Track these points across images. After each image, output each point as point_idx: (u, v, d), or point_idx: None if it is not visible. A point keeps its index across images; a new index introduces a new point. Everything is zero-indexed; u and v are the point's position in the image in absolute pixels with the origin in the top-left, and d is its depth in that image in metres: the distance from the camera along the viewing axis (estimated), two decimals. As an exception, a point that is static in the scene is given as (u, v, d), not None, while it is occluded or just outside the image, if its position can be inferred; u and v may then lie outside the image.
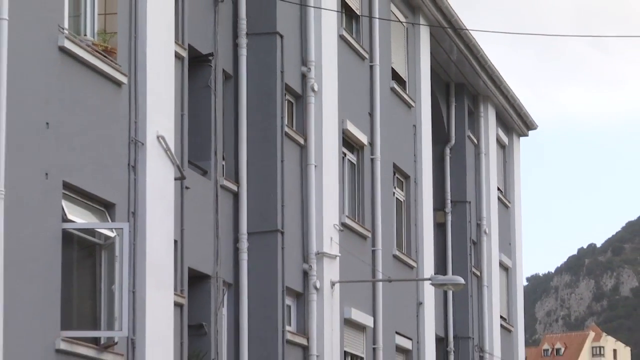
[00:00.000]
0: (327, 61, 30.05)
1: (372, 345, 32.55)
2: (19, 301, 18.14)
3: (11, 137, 18.01)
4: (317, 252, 29.10)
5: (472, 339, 41.01)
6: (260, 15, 27.46)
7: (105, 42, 21.20)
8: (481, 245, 43.04)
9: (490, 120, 44.64)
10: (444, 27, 38.01)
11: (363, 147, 32.95)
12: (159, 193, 22.34)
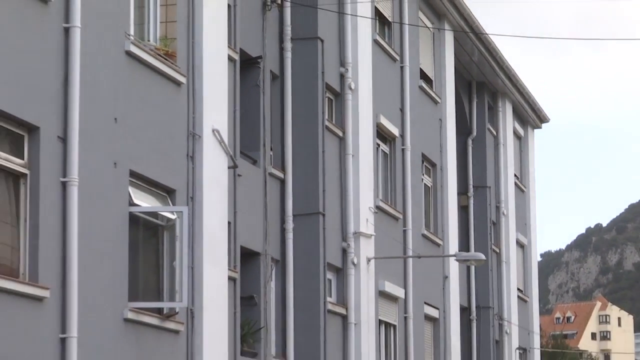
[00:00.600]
0: (362, 63, 30.03)
1: (403, 315, 32.54)
2: (92, 276, 18.24)
3: (84, 131, 18.10)
4: (355, 231, 29.12)
5: (492, 309, 40.92)
6: (303, 22, 27.46)
7: (166, 47, 21.27)
8: (500, 226, 42.95)
9: (508, 114, 44.54)
10: (467, 32, 37.96)
11: (395, 138, 32.92)
12: (214, 180, 22.40)
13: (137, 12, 20.81)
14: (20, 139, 17.34)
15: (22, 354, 16.70)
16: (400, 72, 33.41)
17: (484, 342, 40.30)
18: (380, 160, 31.93)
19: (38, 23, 17.55)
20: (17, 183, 17.28)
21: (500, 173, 43.29)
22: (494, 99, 43.34)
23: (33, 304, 17.07)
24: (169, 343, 20.75)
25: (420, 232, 34.57)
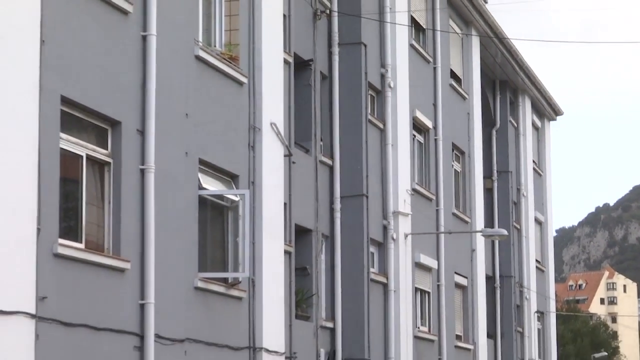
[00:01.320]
0: (400, 64, 29.95)
1: (436, 283, 32.47)
2: (167, 250, 18.31)
3: (159, 125, 18.16)
4: (394, 211, 29.08)
5: (513, 277, 40.79)
6: (348, 29, 27.41)
7: (230, 52, 21.27)
8: (520, 205, 42.82)
9: (527, 108, 44.36)
10: (491, 37, 37.82)
11: (428, 130, 32.84)
12: (272, 166, 22.39)
13: (205, 22, 20.84)
14: (105, 132, 17.43)
15: (108, 317, 16.81)
16: (433, 72, 33.31)
17: (506, 306, 40.17)
18: (416, 149, 31.86)
19: (120, 32, 17.62)
20: (102, 170, 17.38)
21: (520, 159, 43.15)
22: (515, 95, 43.16)
23: (116, 275, 17.17)
24: (233, 308, 20.81)
25: (451, 211, 34.49)
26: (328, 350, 25.87)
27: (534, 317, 43.86)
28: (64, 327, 15.76)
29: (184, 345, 18.79)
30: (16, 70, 14.98)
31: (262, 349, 21.45)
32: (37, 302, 15.09)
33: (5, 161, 14.63)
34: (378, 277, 28.17)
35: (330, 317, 26.18)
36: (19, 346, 14.71)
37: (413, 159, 31.14)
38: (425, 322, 31.82)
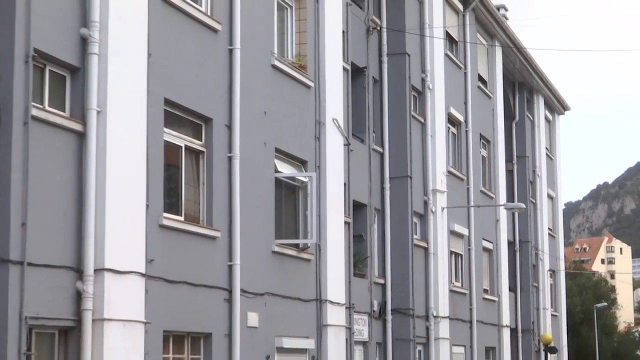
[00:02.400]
0: (437, 70, 29.80)
1: (467, 247, 32.33)
2: (249, 222, 18.35)
3: (243, 121, 18.21)
4: (432, 189, 28.97)
5: (530, 242, 40.58)
6: (395, 42, 27.31)
7: (300, 61, 21.27)
8: (535, 184, 42.53)
9: (540, 105, 44.04)
10: (511, 47, 37.57)
11: (460, 123, 32.66)
12: (333, 153, 22.36)
13: (279, 37, 20.86)
14: (199, 127, 17.51)
15: (203, 276, 16.92)
16: (464, 77, 33.11)
17: (524, 266, 39.97)
18: (450, 139, 31.69)
19: (211, 46, 17.69)
20: (197, 158, 17.47)
21: (535, 146, 42.87)
22: (530, 94, 42.86)
23: (209, 242, 17.25)
24: (303, 268, 20.85)
25: (479, 189, 34.31)
26: (380, 301, 25.86)
27: (547, 275, 43.62)
28: (167, 283, 15.90)
29: (263, 298, 18.87)
30: (129, 78, 15.10)
31: (326, 301, 21.49)
32: (146, 264, 15.24)
33: (122, 152, 14.77)
34: (420, 242, 28.10)
35: (382, 275, 26.14)
36: (133, 299, 14.87)
37: (448, 147, 30.99)
38: (459, 278, 31.71)
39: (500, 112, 37.42)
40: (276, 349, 19.25)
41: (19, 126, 13.17)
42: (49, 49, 13.79)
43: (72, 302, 13.93)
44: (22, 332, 13.01)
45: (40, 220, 13.44)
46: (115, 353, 14.34)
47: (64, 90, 14.34)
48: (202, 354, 17.07)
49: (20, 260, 13.03)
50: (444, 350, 28.98)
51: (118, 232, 14.56)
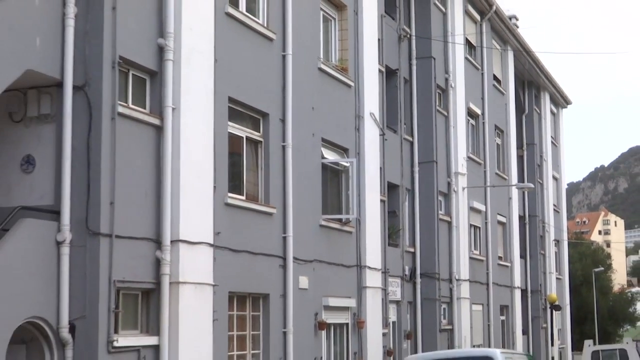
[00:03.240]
0: (458, 71, 29.59)
1: (484, 221, 32.16)
2: (300, 200, 18.36)
3: (294, 115, 18.21)
4: (455, 171, 28.80)
5: (537, 217, 40.36)
6: (423, 47, 27.15)
7: (342, 65, 21.20)
8: (542, 166, 42.23)
9: (546, 100, 43.68)
10: (521, 51, 37.26)
11: (478, 116, 32.44)
12: (371, 142, 22.28)
13: (324, 45, 20.78)
14: (258, 121, 17.52)
15: (261, 245, 16.96)
16: (481, 77, 32.87)
17: (532, 236, 39.76)
18: (469, 129, 31.50)
19: (267, 52, 17.67)
20: (256, 147, 17.48)
21: (542, 135, 42.55)
22: (538, 91, 42.51)
23: (266, 217, 17.28)
24: (345, 239, 20.82)
25: (494, 171, 34.09)
26: (410, 267, 25.81)
27: (552, 244, 43.36)
28: (232, 252, 15.96)
29: (312, 264, 18.89)
30: (198, 80, 15.14)
31: (365, 267, 21.47)
32: (214, 236, 15.30)
33: (193, 142, 14.83)
34: (444, 217, 27.98)
35: (412, 245, 26.06)
36: (203, 265, 14.96)
37: (467, 136, 30.82)
38: (477, 247, 31.57)
39: (512, 106, 37.17)
40: (323, 307, 19.28)
41: (108, 121, 13.29)
42: (131, 56, 13.86)
43: (152, 268, 14.03)
44: (111, 293, 13.15)
45: (126, 199, 13.53)
46: (189, 311, 14.44)
47: (144, 91, 14.41)
48: (261, 311, 17.13)
49: (109, 233, 13.16)
50: (465, 308, 28.89)
51: (190, 209, 14.63)
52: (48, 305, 12.66)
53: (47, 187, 13.22)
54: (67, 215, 12.92)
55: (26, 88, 13.29)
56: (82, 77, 13.22)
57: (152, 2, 14.41)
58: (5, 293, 11.98)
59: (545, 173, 42.83)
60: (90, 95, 13.21)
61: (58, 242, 12.84)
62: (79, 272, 12.93)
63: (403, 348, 24.89)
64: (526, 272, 38.52)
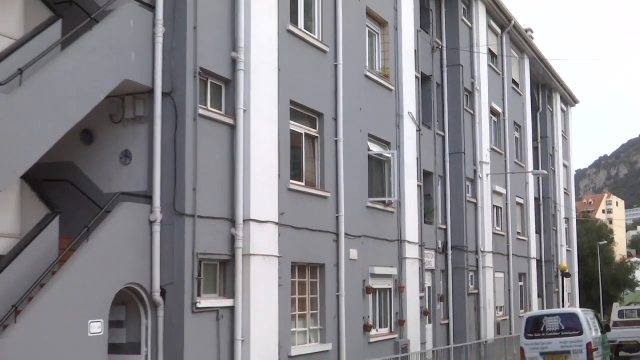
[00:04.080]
0: (482, 76, 29.21)
1: (505, 202, 31.74)
2: (350, 185, 18.28)
3: (345, 115, 18.11)
4: (480, 161, 28.46)
5: (550, 198, 39.78)
6: (452, 57, 26.84)
7: (385, 72, 21.05)
8: (554, 156, 41.56)
9: (558, 100, 42.95)
10: (536, 59, 36.70)
11: (499, 114, 31.99)
12: (409, 137, 22.08)
13: (369, 56, 20.63)
14: (315, 120, 17.46)
15: (318, 223, 16.93)
16: (502, 81, 32.40)
17: (546, 215, 39.24)
18: (492, 125, 31.11)
19: (321, 62, 17.62)
20: (313, 141, 17.42)
21: (554, 130, 41.86)
22: (550, 92, 41.80)
23: (322, 200, 17.25)
24: (388, 218, 20.69)
25: (513, 160, 33.62)
26: (443, 241, 25.64)
27: (563, 221, 42.73)
28: (294, 229, 15.97)
29: (360, 239, 18.82)
30: (265, 87, 15.15)
31: (405, 241, 21.35)
32: (279, 216, 15.32)
33: (261, 138, 14.84)
34: (471, 199, 27.69)
35: (444, 222, 25.86)
36: (270, 240, 14.99)
37: (491, 131, 30.43)
38: (499, 224, 31.22)
39: (528, 105, 36.64)
40: (370, 275, 19.23)
41: (191, 121, 13.37)
42: (210, 67, 13.92)
43: (228, 243, 14.10)
44: (194, 263, 13.26)
45: (206, 186, 13.61)
46: (258, 278, 14.50)
47: (220, 96, 14.45)
48: (318, 278, 17.14)
49: (193, 214, 13.26)
50: (489, 275, 28.62)
51: (259, 194, 14.67)
52: (143, 273, 12.81)
53: (141, 176, 13.34)
54: (158, 199, 13.05)
55: (124, 95, 13.42)
56: (170, 85, 13.33)
57: (226, 22, 14.44)
58: (108, 263, 12.16)
59: (556, 162, 42.19)
60: (176, 100, 13.31)
61: (151, 222, 12.97)
62: (168, 246, 13.05)
63: (437, 309, 24.74)
64: (541, 245, 38.05)
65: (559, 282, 38.70)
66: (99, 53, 12.30)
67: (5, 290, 11.15)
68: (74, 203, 13.25)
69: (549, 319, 19.70)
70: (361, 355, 18.06)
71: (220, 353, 13.74)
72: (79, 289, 11.58)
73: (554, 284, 39.33)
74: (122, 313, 12.99)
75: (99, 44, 12.32)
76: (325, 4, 17.81)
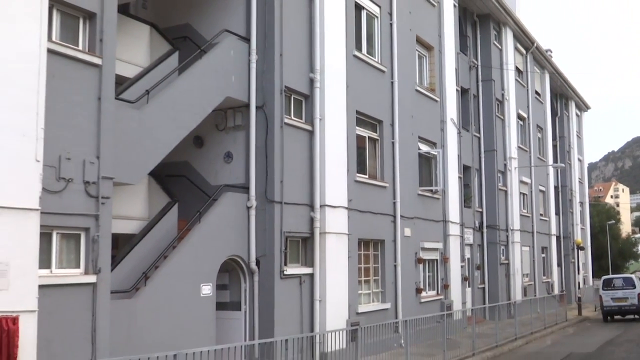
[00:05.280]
0: (511, 89, 28.31)
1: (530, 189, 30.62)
2: (405, 177, 17.95)
3: (400, 121, 17.75)
4: (509, 156, 27.56)
5: (567, 186, 38.44)
6: (485, 73, 26.16)
7: (431, 86, 20.59)
8: (570, 152, 40.12)
9: (573, 107, 41.38)
10: (555, 74, 35.44)
11: (525, 118, 30.94)
12: (451, 137, 21.53)
13: (419, 73, 20.19)
14: (376, 125, 17.17)
15: (379, 207, 16.66)
16: (526, 92, 31.36)
17: (564, 200, 37.90)
18: (519, 128, 30.15)
19: (380, 80, 17.32)
20: (374, 143, 17.14)
21: (570, 131, 40.37)
22: (567, 100, 40.34)
23: (382, 189, 16.96)
24: (435, 203, 20.22)
25: (537, 156, 32.52)
26: (479, 221, 25.05)
27: (577, 205, 41.21)
28: (360, 212, 15.78)
29: (413, 220, 18.48)
30: (336, 100, 14.98)
31: (449, 221, 20.86)
32: (348, 202, 15.15)
33: (333, 141, 14.69)
34: (502, 187, 26.91)
35: (480, 206, 25.24)
36: (341, 221, 14.82)
37: (517, 133, 29.48)
38: (525, 207, 30.27)
39: (548, 111, 35.40)
40: (420, 248, 18.88)
41: (278, 128, 13.31)
42: (292, 85, 13.83)
43: (307, 223, 14.02)
44: (282, 239, 13.21)
45: (290, 179, 13.55)
46: (332, 251, 14.37)
47: (301, 108, 14.35)
48: (379, 251, 16.91)
49: (280, 201, 13.21)
50: (517, 249, 27.79)
51: (332, 184, 14.52)
52: (242, 247, 12.85)
53: (240, 171, 13.39)
54: (253, 189, 13.06)
55: (226, 108, 13.48)
56: (261, 100, 13.31)
57: (305, 50, 14.34)
58: (215, 240, 12.24)
59: (572, 156, 40.73)
60: (267, 112, 13.29)
61: (247, 207, 12.99)
62: (261, 226, 13.06)
63: (474, 276, 24.22)
64: (559, 224, 36.83)
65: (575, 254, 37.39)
66: (207, 76, 12.38)
67: (137, 261, 11.35)
68: (188, 193, 13.41)
69: (615, 279, 26.64)
70: (414, 312, 17.78)
71: (303, 310, 13.69)
72: (193, 259, 11.70)
73: (570, 256, 38.05)
74: (226, 278, 13.07)
75: (207, 70, 12.41)
76: (383, 33, 17.52)
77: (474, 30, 26.20)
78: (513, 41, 29.35)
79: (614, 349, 17.16)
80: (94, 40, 9.64)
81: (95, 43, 9.63)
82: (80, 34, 9.63)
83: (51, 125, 8.90)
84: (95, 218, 9.43)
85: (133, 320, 10.44)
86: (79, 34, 9.63)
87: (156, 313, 10.83)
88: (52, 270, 9.05)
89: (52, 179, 9.00)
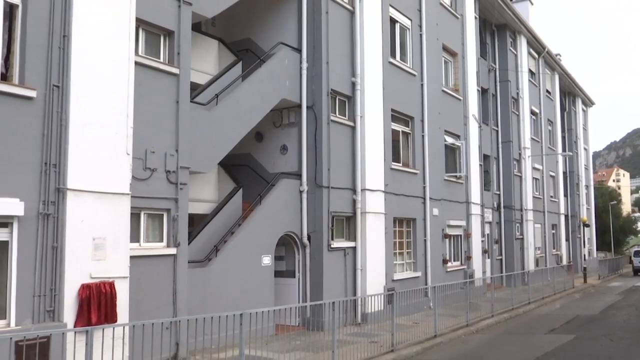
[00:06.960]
0: (525, 89, 27.28)
1: (542, 175, 29.68)
2: (433, 165, 17.53)
3: (429, 117, 17.32)
4: (523, 147, 26.62)
5: (574, 172, 37.12)
6: (502, 75, 25.34)
7: (456, 87, 20.05)
8: (578, 143, 38.66)
9: (579, 103, 39.82)
10: (564, 75, 34.09)
11: (537, 114, 29.82)
12: (472, 131, 20.92)
13: (445, 76, 19.68)
14: (408, 121, 16.79)
15: (411, 191, 16.31)
16: (538, 90, 30.27)
17: (572, 184, 36.59)
18: (532, 122, 29.15)
19: (412, 83, 16.91)
20: (407, 136, 16.75)
21: (577, 124, 38.89)
22: (574, 97, 38.82)
23: (413, 175, 16.59)
24: (458, 187, 19.75)
25: (547, 146, 31.43)
26: (497, 202, 24.40)
27: (583, 188, 39.75)
28: (394, 195, 15.51)
29: (440, 201, 18.08)
30: (374, 100, 14.70)
31: (471, 202, 20.35)
32: (384, 186, 14.92)
33: (372, 135, 14.44)
34: (517, 173, 26.09)
35: (498, 189, 24.56)
36: (378, 202, 14.60)
37: (531, 126, 28.53)
38: (537, 190, 29.33)
39: (558, 107, 34.09)
40: (447, 225, 18.49)
41: (325, 125, 13.16)
42: (337, 88, 13.64)
43: (350, 204, 13.86)
44: (329, 218, 13.09)
45: (336, 167, 13.40)
46: (371, 227, 14.19)
47: (345, 107, 14.16)
48: (412, 228, 16.61)
49: (328, 186, 13.09)
50: (530, 226, 26.94)
51: (371, 172, 14.31)
52: (296, 225, 12.82)
53: (294, 161, 13.32)
54: (305, 176, 12.96)
55: (281, 108, 13.41)
56: (311, 101, 13.18)
57: (348, 58, 14.11)
58: (273, 218, 12.23)
59: (579, 146, 39.24)
60: (316, 111, 13.17)
61: (300, 191, 12.93)
62: (312, 207, 12.99)
63: (493, 249, 23.65)
64: (567, 204, 35.62)
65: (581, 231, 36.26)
66: (265, 82, 12.34)
67: (209, 236, 11.46)
68: (251, 179, 13.45)
69: None
70: (441, 279, 17.47)
71: (347, 277, 13.60)
72: (255, 235, 11.74)
73: (577, 232, 36.87)
74: (282, 251, 13.09)
75: (265, 76, 12.36)
76: (414, 42, 17.10)
77: (492, 38, 25.45)
78: (527, 47, 28.39)
79: (615, 312, 16.66)
80: (172, 54, 9.81)
81: (174, 56, 9.81)
82: (161, 49, 9.82)
83: (138, 124, 9.11)
84: (175, 201, 9.59)
85: (206, 285, 10.58)
86: (160, 48, 9.80)
87: (225, 279, 10.93)
88: (141, 244, 9.26)
89: (140, 169, 9.20)
